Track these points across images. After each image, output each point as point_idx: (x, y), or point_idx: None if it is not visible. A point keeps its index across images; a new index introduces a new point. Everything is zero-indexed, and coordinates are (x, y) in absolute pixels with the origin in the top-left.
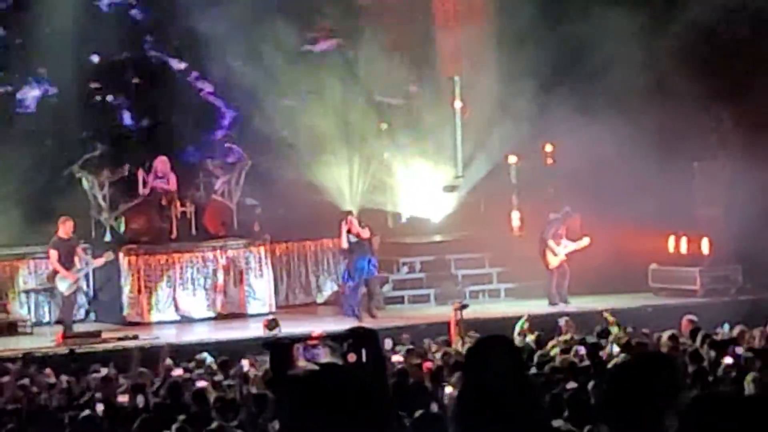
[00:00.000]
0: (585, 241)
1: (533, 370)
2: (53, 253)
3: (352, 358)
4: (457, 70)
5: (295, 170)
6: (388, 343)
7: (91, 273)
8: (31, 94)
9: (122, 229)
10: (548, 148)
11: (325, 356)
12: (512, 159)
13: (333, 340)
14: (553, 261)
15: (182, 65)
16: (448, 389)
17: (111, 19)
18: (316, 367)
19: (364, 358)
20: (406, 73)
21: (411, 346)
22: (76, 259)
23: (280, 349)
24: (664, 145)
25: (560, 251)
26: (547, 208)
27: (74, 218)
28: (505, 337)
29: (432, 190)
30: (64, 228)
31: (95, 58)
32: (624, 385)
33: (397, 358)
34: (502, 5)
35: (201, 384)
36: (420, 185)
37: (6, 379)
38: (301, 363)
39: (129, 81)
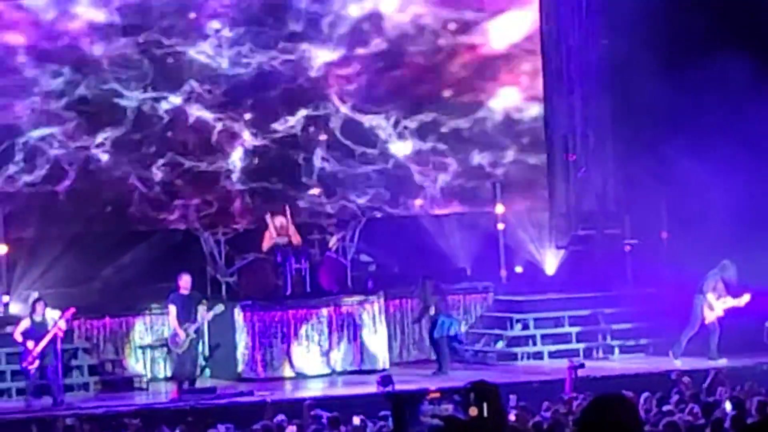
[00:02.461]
0: (746, 298)
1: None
2: (171, 309)
3: (473, 412)
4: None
5: (408, 227)
6: (513, 400)
7: (206, 329)
8: None
9: (237, 285)
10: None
11: (447, 410)
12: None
13: (455, 394)
14: (709, 315)
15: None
16: None
17: None
18: (439, 422)
19: (485, 413)
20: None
21: (523, 404)
22: (199, 314)
23: (402, 402)
24: None
25: (718, 306)
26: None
27: (190, 273)
28: (623, 396)
29: (546, 245)
30: (183, 283)
31: None
32: None
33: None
34: None
35: None
36: (534, 240)
37: None
38: (425, 418)
39: None
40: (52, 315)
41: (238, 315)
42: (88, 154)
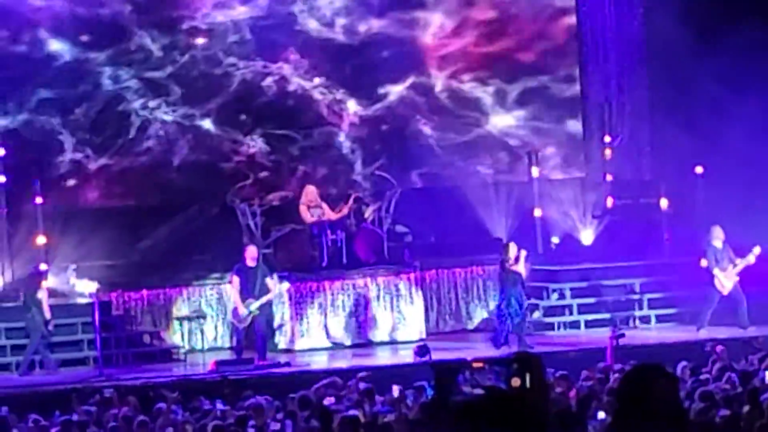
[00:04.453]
0: (756, 251)
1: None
2: (235, 280)
3: (516, 383)
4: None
5: (446, 198)
6: (583, 374)
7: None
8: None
9: (273, 256)
10: (698, 169)
11: (489, 381)
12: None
13: (498, 364)
14: (723, 288)
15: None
16: (601, 415)
17: None
18: (481, 392)
19: (528, 384)
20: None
21: (564, 372)
22: (270, 286)
23: (445, 372)
24: None
25: (728, 275)
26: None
27: (227, 245)
28: (662, 366)
29: (582, 215)
30: (249, 254)
31: None
32: None
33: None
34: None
35: (352, 412)
36: (570, 210)
37: (161, 405)
38: (466, 387)
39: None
40: (88, 287)
41: (274, 286)
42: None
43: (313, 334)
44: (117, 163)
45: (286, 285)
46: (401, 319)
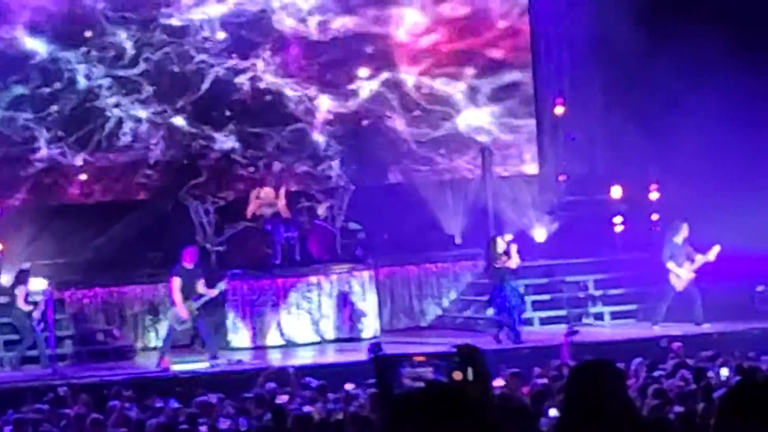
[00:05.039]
0: (715, 250)
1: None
2: (176, 281)
3: (458, 376)
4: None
5: (398, 195)
6: (536, 371)
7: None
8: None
9: (226, 254)
10: (651, 172)
11: (430, 374)
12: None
13: (439, 358)
14: (679, 283)
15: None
16: (553, 412)
17: None
18: (422, 385)
19: (470, 377)
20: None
21: (516, 370)
22: (199, 288)
23: (385, 365)
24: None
25: (684, 271)
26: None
27: (180, 242)
28: (609, 361)
29: (535, 213)
30: (189, 256)
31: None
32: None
33: (498, 382)
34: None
35: (305, 409)
36: (523, 208)
37: (114, 403)
38: (407, 380)
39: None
40: (39, 285)
41: (228, 284)
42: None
43: (267, 331)
44: (93, 160)
45: (222, 285)
46: (354, 317)
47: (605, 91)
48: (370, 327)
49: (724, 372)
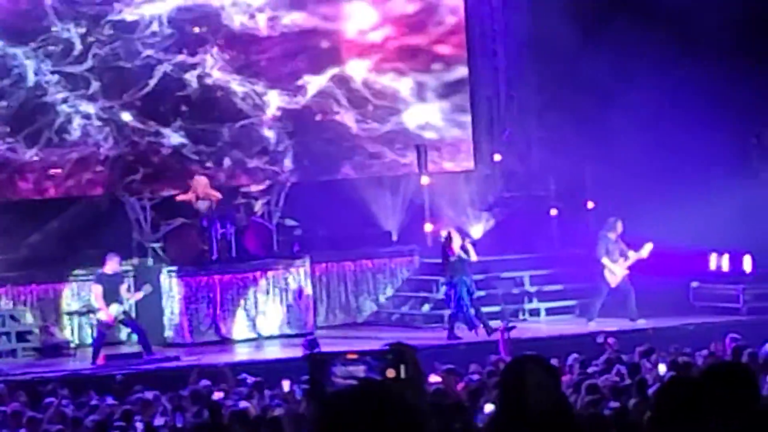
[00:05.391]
0: (648, 247)
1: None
2: (97, 288)
3: (391, 373)
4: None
5: (335, 191)
6: (472, 367)
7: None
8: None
9: (163, 251)
10: (587, 169)
11: (362, 372)
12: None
13: (372, 356)
14: (612, 279)
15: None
16: (489, 408)
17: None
18: (354, 382)
19: (403, 374)
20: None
21: (451, 366)
22: (123, 293)
23: (318, 363)
24: (705, 160)
25: (618, 268)
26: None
27: (116, 239)
28: (541, 357)
29: (471, 209)
30: (111, 264)
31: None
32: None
33: (434, 378)
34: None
35: (242, 404)
36: (459, 204)
37: (51, 400)
38: (339, 379)
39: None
40: None
41: (165, 280)
42: None
43: (203, 328)
44: (44, 156)
45: (148, 288)
46: (291, 313)
47: (542, 87)
48: (306, 323)
49: (662, 368)
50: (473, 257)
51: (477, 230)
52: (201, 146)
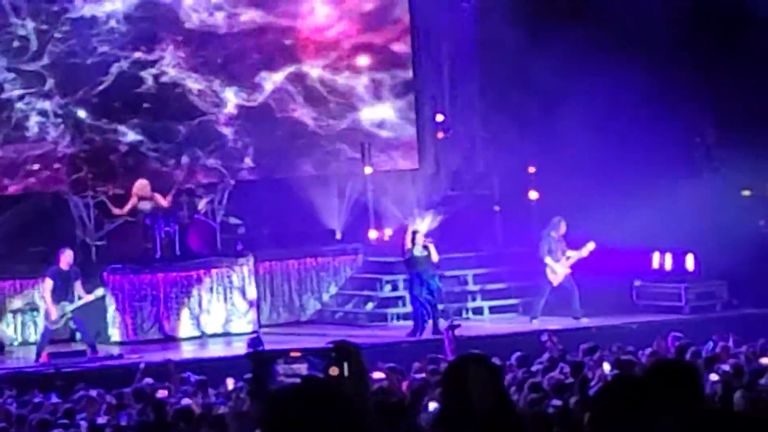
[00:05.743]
0: (589, 246)
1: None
2: (48, 283)
3: (334, 372)
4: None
5: (279, 190)
6: (415, 366)
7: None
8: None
9: (107, 249)
10: (531, 168)
11: (305, 370)
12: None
13: (315, 354)
14: (555, 278)
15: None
16: (432, 406)
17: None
18: (297, 380)
19: (346, 373)
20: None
21: (393, 365)
22: (76, 291)
23: (261, 361)
24: (648, 160)
25: (560, 266)
26: (532, 224)
27: (60, 237)
28: (483, 355)
29: (415, 208)
30: (65, 258)
31: None
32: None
33: (378, 375)
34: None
35: (185, 402)
36: (403, 203)
37: None
38: (282, 377)
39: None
40: None
41: (108, 279)
42: None
43: (147, 326)
44: (2, 153)
45: (101, 291)
46: (234, 311)
47: (486, 87)
48: (249, 321)
49: (606, 367)
50: (434, 257)
51: (422, 229)
52: (158, 144)
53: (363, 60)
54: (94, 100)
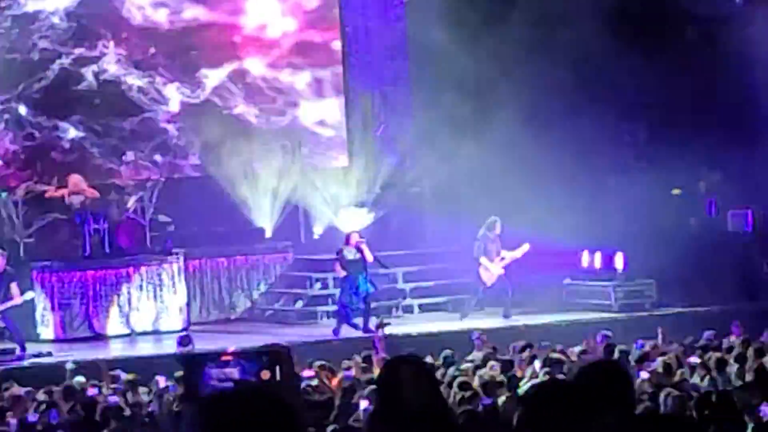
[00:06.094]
0: (524, 248)
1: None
2: None
3: (266, 375)
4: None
5: (210, 187)
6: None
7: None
8: None
9: (35, 246)
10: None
11: (236, 373)
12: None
13: (247, 357)
14: (488, 278)
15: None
16: (364, 404)
17: None
18: (230, 384)
19: (278, 376)
20: None
21: (323, 362)
22: (12, 292)
23: (193, 364)
24: (578, 159)
25: (494, 266)
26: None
27: None
28: (416, 356)
29: (346, 206)
30: None
31: None
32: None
33: (308, 373)
34: None
35: (113, 400)
36: (334, 201)
37: None
38: (215, 380)
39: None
40: None
41: (37, 276)
42: None
43: (76, 324)
44: None
45: (30, 294)
46: (164, 309)
47: (415, 86)
48: (180, 319)
49: (536, 365)
50: (368, 257)
51: (353, 227)
52: (101, 140)
53: (304, 57)
54: (35, 96)
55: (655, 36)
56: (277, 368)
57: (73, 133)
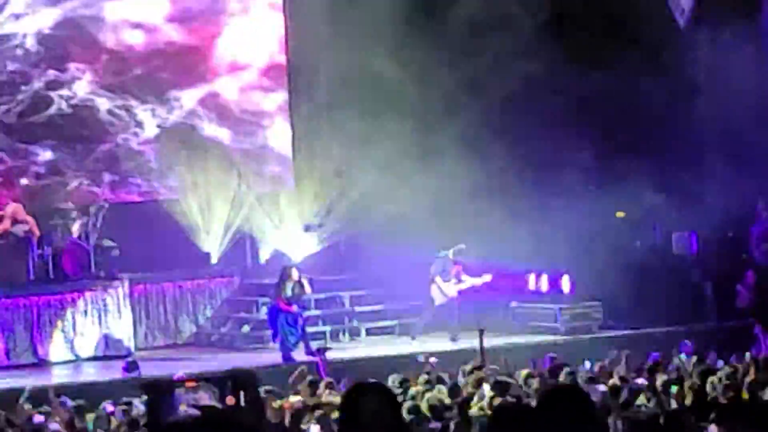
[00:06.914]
0: (486, 278)
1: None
2: None
3: (231, 401)
4: None
5: (155, 212)
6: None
7: None
8: None
9: None
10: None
11: (206, 399)
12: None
13: (213, 382)
14: (440, 298)
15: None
16: (315, 429)
17: None
18: (197, 412)
19: (242, 401)
20: None
21: (271, 387)
22: None
23: (157, 391)
24: (524, 182)
25: (448, 288)
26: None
27: None
28: (379, 384)
29: (293, 231)
30: None
31: None
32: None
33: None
34: None
35: (54, 427)
36: (281, 226)
37: None
38: (182, 408)
39: None
40: None
41: None
42: None
43: (20, 350)
44: None
45: None
46: (109, 334)
47: (364, 113)
48: (125, 344)
49: (486, 387)
50: (308, 290)
51: (299, 250)
52: (73, 164)
53: (276, 79)
54: (6, 120)
55: (601, 60)
56: (241, 393)
57: (46, 156)
